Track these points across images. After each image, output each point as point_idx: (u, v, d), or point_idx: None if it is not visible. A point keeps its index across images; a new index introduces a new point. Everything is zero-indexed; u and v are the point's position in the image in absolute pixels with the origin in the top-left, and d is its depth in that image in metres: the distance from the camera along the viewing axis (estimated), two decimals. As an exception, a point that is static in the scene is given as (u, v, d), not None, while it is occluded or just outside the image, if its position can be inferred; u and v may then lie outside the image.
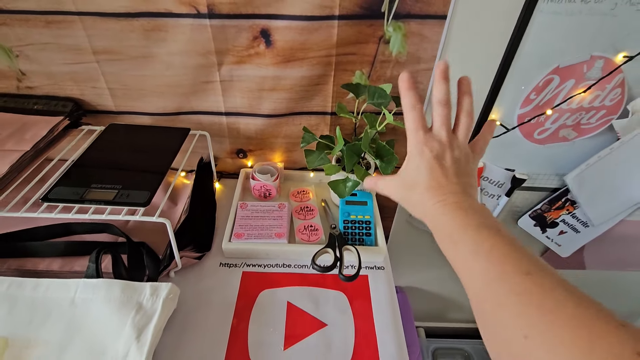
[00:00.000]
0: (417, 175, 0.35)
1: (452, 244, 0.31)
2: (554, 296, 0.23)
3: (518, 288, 0.25)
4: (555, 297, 0.23)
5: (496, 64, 0.62)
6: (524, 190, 0.82)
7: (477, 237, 0.29)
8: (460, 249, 0.30)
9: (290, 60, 0.60)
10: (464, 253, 0.30)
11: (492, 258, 0.27)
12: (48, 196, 0.47)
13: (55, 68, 0.60)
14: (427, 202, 0.34)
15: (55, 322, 0.46)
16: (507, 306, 0.25)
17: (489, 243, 0.29)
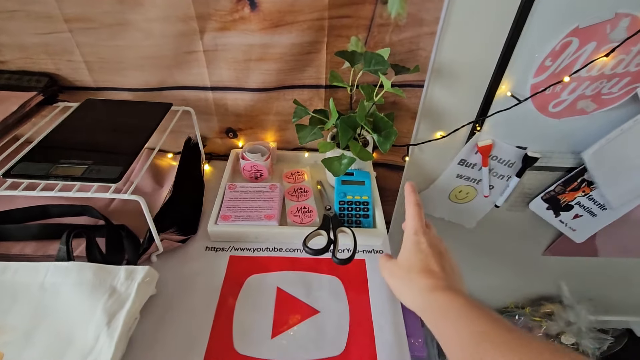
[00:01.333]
0: (414, 259, 0.38)
1: (443, 320, 0.31)
2: (533, 346, 0.24)
3: (500, 341, 0.26)
4: (527, 344, 0.25)
5: (507, 26, 0.56)
6: (537, 170, 0.76)
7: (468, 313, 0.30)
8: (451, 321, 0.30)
9: (278, 25, 0.54)
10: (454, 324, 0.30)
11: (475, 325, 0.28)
12: (11, 172, 0.43)
13: (26, 39, 0.56)
14: (420, 282, 0.35)
15: (23, 307, 0.42)
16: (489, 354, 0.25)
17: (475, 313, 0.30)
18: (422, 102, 0.65)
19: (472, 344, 0.26)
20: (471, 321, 0.28)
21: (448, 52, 0.59)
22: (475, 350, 0.26)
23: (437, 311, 0.31)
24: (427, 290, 0.33)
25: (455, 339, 0.28)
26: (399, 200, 0.83)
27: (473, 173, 0.76)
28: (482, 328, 0.27)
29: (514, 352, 0.24)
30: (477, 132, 0.69)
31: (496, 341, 0.25)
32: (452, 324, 0.29)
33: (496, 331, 0.26)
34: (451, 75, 0.62)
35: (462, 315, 0.29)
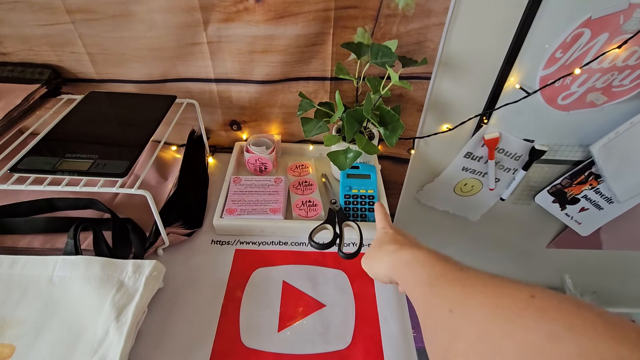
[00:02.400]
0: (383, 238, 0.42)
1: (406, 270, 0.34)
2: (476, 276, 0.27)
3: (450, 278, 0.28)
4: (477, 276, 0.27)
5: (518, 17, 0.54)
6: (543, 164, 0.75)
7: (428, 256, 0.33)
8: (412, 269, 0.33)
9: (283, 15, 0.53)
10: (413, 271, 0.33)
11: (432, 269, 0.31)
12: (18, 166, 0.43)
13: (28, 30, 0.55)
14: (389, 248, 0.38)
15: (32, 301, 0.43)
16: (439, 293, 0.28)
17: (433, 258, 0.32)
18: (428, 95, 0.64)
19: (427, 284, 0.29)
20: (430, 266, 0.31)
21: (456, 44, 0.58)
22: (432, 290, 0.28)
23: (402, 265, 0.34)
24: (393, 251, 0.37)
25: (414, 282, 0.31)
26: (404, 193, 0.83)
27: (479, 166, 0.76)
28: (438, 270, 0.30)
29: (463, 283, 0.26)
30: (484, 124, 0.68)
31: (450, 277, 0.28)
32: (412, 271, 0.32)
33: (450, 271, 0.28)
34: (459, 67, 0.61)
35: (421, 263, 0.32)
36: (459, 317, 0.24)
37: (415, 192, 0.84)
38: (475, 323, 0.22)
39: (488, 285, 0.25)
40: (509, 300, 0.22)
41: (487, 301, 0.23)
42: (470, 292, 0.25)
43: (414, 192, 0.83)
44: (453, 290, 0.26)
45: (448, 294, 0.26)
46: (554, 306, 0.20)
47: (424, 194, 0.83)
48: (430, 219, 0.89)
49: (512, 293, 0.22)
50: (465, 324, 0.23)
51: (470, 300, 0.24)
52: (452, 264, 0.30)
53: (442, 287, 0.28)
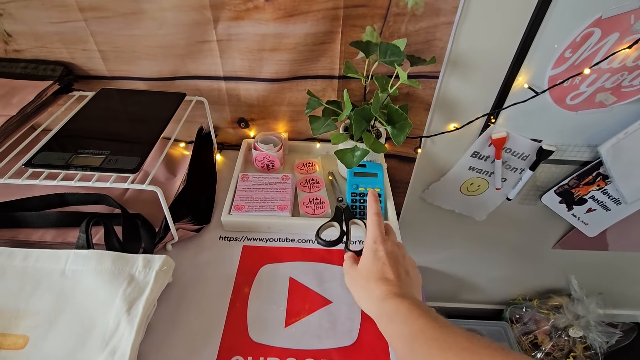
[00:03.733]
0: (372, 268, 0.40)
1: (390, 323, 0.34)
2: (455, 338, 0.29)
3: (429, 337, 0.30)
4: (456, 338, 0.29)
5: (527, 16, 0.54)
6: (551, 164, 0.75)
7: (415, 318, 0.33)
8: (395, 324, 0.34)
9: (292, 14, 0.54)
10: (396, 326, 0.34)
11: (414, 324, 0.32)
12: (32, 162, 0.44)
13: (41, 28, 0.56)
14: (376, 290, 0.37)
15: (45, 293, 0.44)
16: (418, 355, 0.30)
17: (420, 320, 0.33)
18: (436, 94, 0.64)
19: (409, 340, 0.30)
20: (411, 321, 0.32)
21: (465, 43, 0.58)
22: (411, 346, 0.30)
23: (386, 316, 0.35)
24: (380, 299, 0.36)
25: (397, 338, 0.32)
26: (410, 191, 0.83)
27: (486, 165, 0.76)
28: (418, 326, 0.31)
29: (441, 344, 0.28)
30: (492, 124, 0.68)
31: (428, 336, 0.29)
32: (396, 326, 0.33)
33: (430, 328, 0.30)
34: (467, 66, 0.61)
35: (404, 317, 0.33)
36: None
37: (421, 191, 0.84)
38: None
39: (466, 349, 0.27)
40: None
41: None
42: (446, 356, 0.27)
43: (420, 191, 0.84)
44: (430, 351, 0.28)
45: (426, 356, 0.28)
46: None
47: (430, 193, 0.83)
48: (436, 218, 0.89)
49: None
50: None
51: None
52: (432, 319, 0.31)
53: (421, 346, 0.29)
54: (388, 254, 0.40)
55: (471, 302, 1.23)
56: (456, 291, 1.19)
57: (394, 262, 0.40)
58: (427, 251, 1.02)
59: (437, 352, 0.28)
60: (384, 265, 0.39)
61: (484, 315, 1.21)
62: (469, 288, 1.17)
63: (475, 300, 1.23)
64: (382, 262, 0.39)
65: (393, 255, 0.40)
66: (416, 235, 0.95)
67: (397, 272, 0.39)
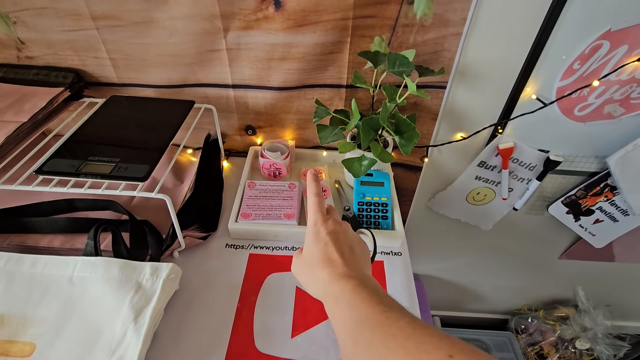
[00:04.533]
0: (315, 251, 0.38)
1: (335, 306, 0.33)
2: (398, 324, 0.27)
3: (373, 323, 0.28)
4: (399, 325, 0.27)
5: (536, 28, 0.54)
6: (558, 174, 0.75)
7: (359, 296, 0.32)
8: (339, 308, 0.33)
9: (302, 24, 0.54)
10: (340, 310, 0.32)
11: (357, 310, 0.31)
12: (43, 169, 0.44)
13: (54, 36, 0.57)
14: (321, 274, 0.36)
15: (53, 300, 0.44)
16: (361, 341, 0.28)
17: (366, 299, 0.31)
18: (443, 103, 0.64)
19: (351, 327, 0.29)
20: (354, 307, 0.30)
21: (473, 54, 0.58)
22: (353, 333, 0.29)
23: (331, 299, 0.34)
24: (325, 282, 0.35)
25: (340, 323, 0.31)
26: (416, 200, 0.83)
27: (492, 175, 0.75)
28: (361, 313, 0.29)
29: (384, 331, 0.27)
30: (499, 134, 0.68)
31: (372, 323, 0.28)
32: (340, 310, 0.32)
33: (373, 314, 0.29)
34: (475, 77, 0.61)
35: (348, 301, 0.31)
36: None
37: (427, 200, 0.83)
38: None
39: (410, 338, 0.26)
40: (427, 357, 0.24)
41: (407, 358, 0.24)
42: (390, 346, 0.26)
43: (425, 200, 0.83)
44: (374, 340, 0.27)
45: (369, 344, 0.27)
46: None
47: (436, 202, 0.83)
48: (442, 227, 0.89)
49: (432, 351, 0.24)
50: None
51: (389, 356, 0.25)
52: (377, 302, 0.30)
53: (363, 333, 0.28)
54: (330, 233, 0.38)
55: (476, 312, 1.22)
56: (461, 300, 1.18)
57: (336, 241, 0.38)
58: (433, 260, 1.01)
59: (380, 339, 0.27)
60: (326, 246, 0.37)
61: (489, 325, 1.20)
62: (474, 297, 1.16)
63: (480, 309, 1.22)
64: (324, 242, 0.38)
65: (335, 235, 0.39)
66: (421, 244, 0.94)
67: (341, 251, 0.37)
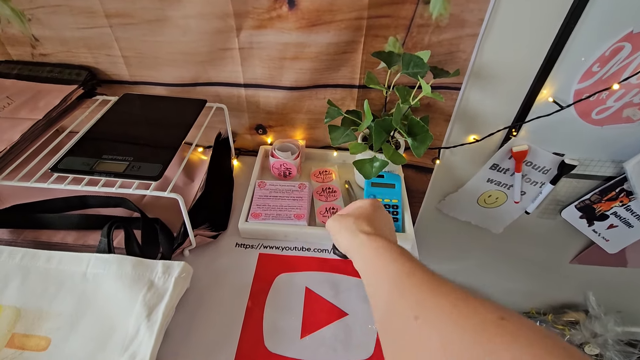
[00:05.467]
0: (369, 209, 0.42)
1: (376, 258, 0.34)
2: (447, 286, 0.26)
3: (420, 281, 0.28)
4: (448, 286, 0.26)
5: (555, 29, 0.53)
6: (573, 178, 0.73)
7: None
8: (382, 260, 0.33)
9: (315, 24, 0.54)
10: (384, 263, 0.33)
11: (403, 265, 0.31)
12: (58, 166, 0.45)
13: (68, 33, 0.57)
14: (366, 227, 0.39)
15: (67, 295, 0.44)
16: (408, 295, 0.28)
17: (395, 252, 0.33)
18: (457, 105, 0.63)
19: (395, 281, 0.30)
20: (402, 261, 0.31)
21: (489, 55, 0.57)
22: (396, 289, 0.29)
23: (371, 251, 0.35)
24: (364, 233, 0.37)
25: (384, 274, 0.32)
26: (426, 202, 0.82)
27: (505, 178, 0.74)
28: (407, 268, 0.30)
29: (433, 289, 0.27)
30: (513, 136, 0.67)
31: (417, 278, 0.28)
32: (383, 263, 0.33)
33: (418, 271, 0.29)
34: (490, 78, 0.60)
35: (393, 256, 0.32)
36: (425, 325, 0.24)
37: (437, 202, 0.83)
38: (441, 335, 0.22)
39: (459, 298, 0.24)
40: (479, 319, 0.22)
41: (456, 315, 0.23)
42: (439, 302, 0.25)
43: (436, 201, 0.83)
44: (422, 296, 0.26)
45: (416, 298, 0.26)
46: (522, 333, 0.21)
47: (446, 204, 0.82)
48: (452, 229, 0.88)
49: (483, 312, 0.23)
50: (430, 334, 0.23)
51: (438, 311, 0.24)
52: (422, 266, 0.31)
53: (411, 289, 0.28)
54: (383, 206, 0.44)
55: (483, 314, 1.21)
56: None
57: (386, 214, 0.43)
58: (442, 262, 1.00)
59: (429, 295, 0.26)
60: (379, 210, 0.42)
61: (496, 328, 1.19)
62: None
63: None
64: (379, 207, 0.42)
65: (384, 209, 0.44)
66: (431, 246, 0.93)
67: (388, 221, 0.42)
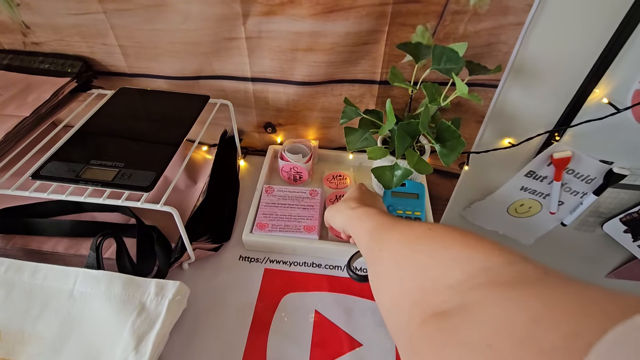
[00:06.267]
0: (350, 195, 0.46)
1: (358, 222, 0.38)
2: (404, 223, 0.33)
3: (385, 226, 0.34)
4: (405, 222, 0.33)
5: (619, 18, 0.44)
6: (620, 189, 0.65)
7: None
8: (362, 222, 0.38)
9: (332, 10, 0.46)
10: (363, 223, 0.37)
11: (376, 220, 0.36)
12: (40, 172, 0.40)
13: (60, 20, 0.52)
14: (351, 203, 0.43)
15: (52, 316, 0.40)
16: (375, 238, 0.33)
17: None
18: (492, 105, 0.56)
19: (369, 232, 0.35)
20: (375, 219, 0.36)
21: (535, 48, 0.49)
22: (369, 236, 0.34)
23: (355, 219, 0.39)
24: (353, 208, 0.41)
25: (361, 232, 0.36)
26: (449, 209, 0.75)
27: (541, 186, 0.66)
28: (380, 221, 0.35)
29: (390, 230, 0.32)
30: (555, 141, 0.58)
31: (385, 226, 0.33)
32: (361, 223, 0.37)
33: (389, 222, 0.34)
34: (534, 75, 0.51)
35: (370, 217, 0.37)
36: (384, 252, 0.30)
37: (462, 209, 0.75)
38: (392, 254, 0.28)
39: (406, 226, 0.31)
40: (413, 234, 0.28)
41: (402, 238, 0.29)
42: (394, 234, 0.31)
43: (460, 208, 0.75)
44: (384, 235, 0.32)
45: (381, 238, 0.32)
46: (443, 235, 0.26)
47: (472, 211, 0.74)
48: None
49: (418, 228, 0.29)
50: (386, 257, 0.29)
51: (392, 239, 0.30)
52: (393, 218, 0.36)
53: (379, 233, 0.33)
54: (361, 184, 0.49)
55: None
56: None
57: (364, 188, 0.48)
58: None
59: (387, 233, 0.32)
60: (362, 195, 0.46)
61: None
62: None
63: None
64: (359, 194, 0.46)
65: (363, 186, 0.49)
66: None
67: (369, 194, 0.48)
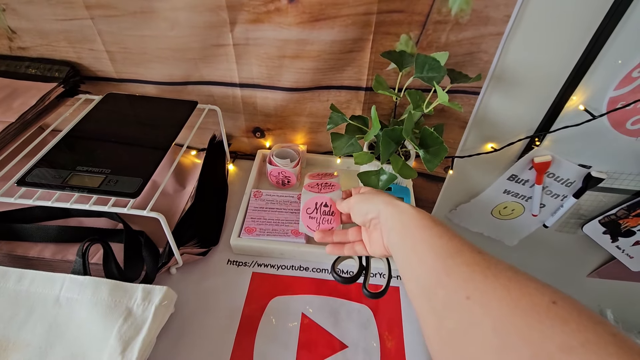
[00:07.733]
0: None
1: (417, 229, 0.32)
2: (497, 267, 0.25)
3: (469, 260, 0.27)
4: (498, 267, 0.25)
5: (593, 28, 0.46)
6: (598, 192, 0.67)
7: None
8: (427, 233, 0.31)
9: (318, 18, 0.47)
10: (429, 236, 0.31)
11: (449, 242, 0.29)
12: (26, 179, 0.40)
13: (46, 25, 0.52)
14: (393, 199, 0.37)
15: (38, 322, 0.40)
16: (456, 274, 0.26)
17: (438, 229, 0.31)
18: (475, 111, 0.57)
19: (442, 258, 0.28)
20: (448, 238, 0.30)
21: (514, 57, 0.50)
22: (442, 266, 0.28)
23: (414, 220, 0.33)
24: (398, 202, 0.36)
25: (429, 248, 0.30)
26: (435, 212, 0.77)
27: (523, 190, 0.68)
28: (454, 245, 0.29)
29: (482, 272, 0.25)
30: (535, 146, 0.60)
31: (466, 258, 0.27)
32: (430, 236, 0.31)
33: (467, 251, 0.28)
34: (514, 83, 0.53)
35: (439, 231, 0.31)
36: (477, 306, 0.24)
37: (448, 211, 0.77)
38: (492, 317, 0.22)
39: (511, 280, 0.24)
40: (530, 302, 0.22)
41: (509, 298, 0.23)
42: (491, 284, 0.24)
43: (446, 211, 0.77)
44: (472, 276, 0.25)
45: (467, 279, 0.26)
46: (574, 318, 0.20)
47: (458, 214, 0.76)
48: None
49: (535, 294, 0.22)
50: (481, 314, 0.23)
51: (490, 293, 0.24)
52: (468, 243, 0.29)
53: (460, 268, 0.27)
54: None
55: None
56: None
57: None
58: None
59: (480, 277, 0.25)
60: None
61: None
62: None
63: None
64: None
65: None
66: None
67: None
